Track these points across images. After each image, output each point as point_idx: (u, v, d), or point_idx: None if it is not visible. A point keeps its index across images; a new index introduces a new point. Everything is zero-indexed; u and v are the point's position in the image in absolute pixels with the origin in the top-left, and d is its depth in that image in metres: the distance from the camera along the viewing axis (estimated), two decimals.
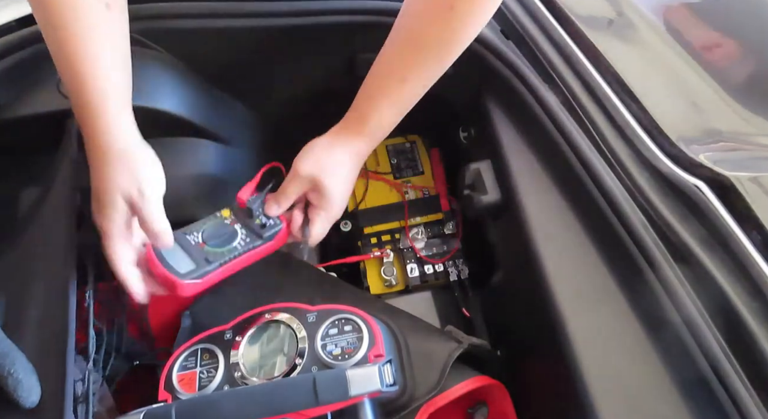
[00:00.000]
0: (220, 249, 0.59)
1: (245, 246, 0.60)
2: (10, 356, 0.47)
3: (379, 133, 0.63)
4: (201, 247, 0.59)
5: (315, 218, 0.63)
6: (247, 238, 0.61)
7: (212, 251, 0.59)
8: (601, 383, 0.49)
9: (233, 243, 0.60)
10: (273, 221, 0.63)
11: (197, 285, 0.57)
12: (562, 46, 0.66)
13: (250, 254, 0.61)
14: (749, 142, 0.64)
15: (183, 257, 0.58)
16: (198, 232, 0.60)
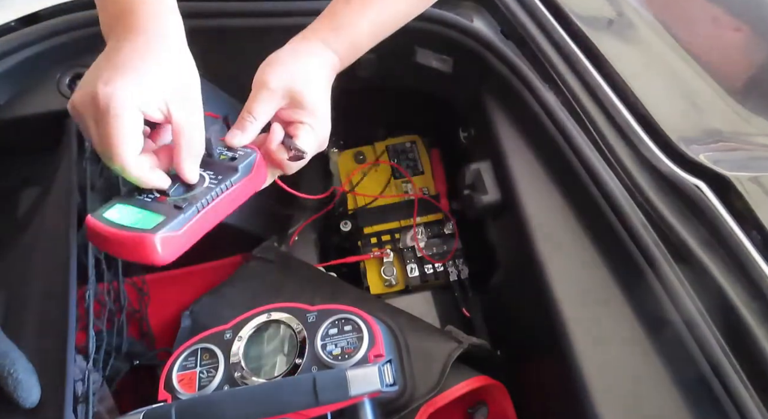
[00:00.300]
0: (190, 194, 0.47)
1: (219, 184, 0.48)
2: (10, 356, 0.47)
3: (351, 52, 0.56)
4: (162, 201, 0.46)
5: (300, 132, 0.51)
6: (219, 175, 0.49)
7: (181, 198, 0.46)
8: (601, 383, 0.49)
9: (203, 185, 0.48)
10: (243, 151, 0.51)
11: (176, 239, 0.44)
12: (562, 46, 0.66)
13: (232, 191, 0.49)
14: (749, 142, 0.64)
15: (141, 214, 0.45)
16: (145, 191, 0.47)
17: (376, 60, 0.75)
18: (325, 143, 0.54)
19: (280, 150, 0.51)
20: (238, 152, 0.50)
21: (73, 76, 0.65)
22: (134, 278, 0.77)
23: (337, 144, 0.94)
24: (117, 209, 0.45)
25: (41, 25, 0.64)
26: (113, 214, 0.45)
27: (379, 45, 0.69)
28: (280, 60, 0.52)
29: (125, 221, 0.44)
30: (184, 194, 0.47)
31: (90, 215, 0.44)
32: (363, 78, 0.78)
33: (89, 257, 0.59)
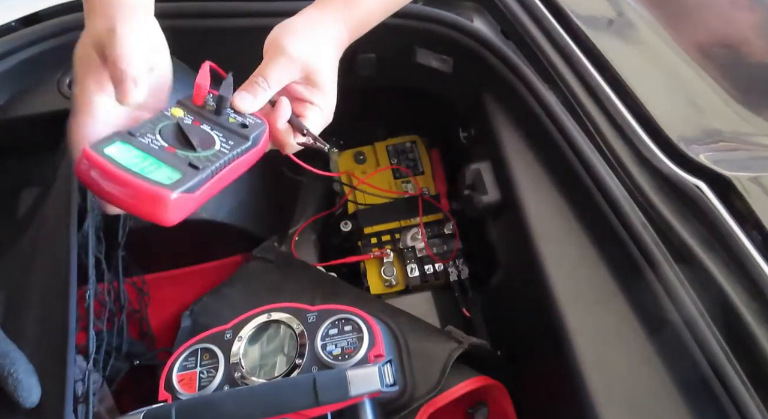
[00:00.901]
0: (203, 153, 0.43)
1: (232, 150, 0.44)
2: (10, 356, 0.47)
3: (359, 30, 0.54)
4: (171, 151, 0.42)
5: (309, 113, 0.49)
6: (230, 141, 0.45)
7: (194, 156, 0.42)
8: (601, 383, 0.49)
9: (215, 147, 0.44)
10: (252, 119, 0.48)
11: (190, 201, 0.41)
12: (562, 46, 0.66)
13: (240, 161, 0.46)
14: (749, 142, 0.65)
15: (148, 161, 0.40)
16: (151, 133, 0.42)
17: (376, 60, 0.75)
18: (330, 120, 0.52)
19: (287, 130, 0.48)
20: (248, 119, 0.47)
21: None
22: (134, 278, 0.77)
23: (337, 144, 0.94)
24: (118, 148, 0.39)
25: (41, 25, 0.64)
26: (116, 151, 0.39)
27: (379, 45, 0.69)
28: (296, 29, 0.49)
29: (133, 164, 0.38)
30: (196, 152, 0.43)
31: (87, 146, 0.38)
32: (363, 78, 0.78)
33: (89, 257, 0.59)
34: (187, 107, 0.47)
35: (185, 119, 0.46)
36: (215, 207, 0.74)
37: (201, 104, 0.47)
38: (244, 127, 0.47)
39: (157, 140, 0.42)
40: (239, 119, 0.47)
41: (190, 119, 0.46)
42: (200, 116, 0.47)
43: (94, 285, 0.58)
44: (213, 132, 0.45)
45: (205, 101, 0.47)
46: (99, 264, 0.64)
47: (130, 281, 0.76)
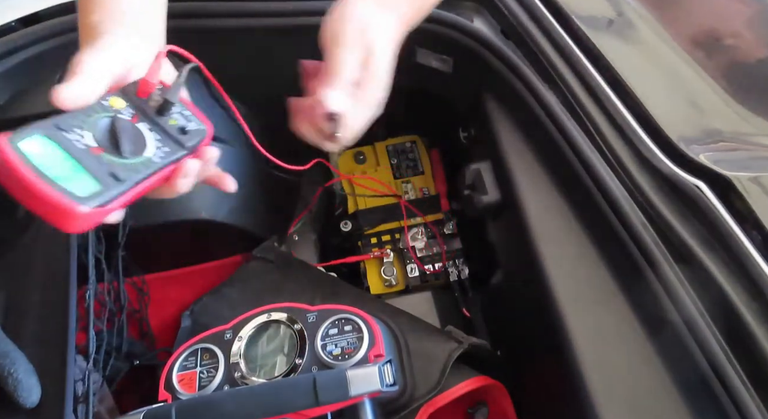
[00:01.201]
0: (131, 161, 0.39)
1: (164, 159, 0.41)
2: (10, 356, 0.47)
3: (416, 19, 0.51)
4: (96, 154, 0.38)
5: (352, 105, 0.44)
6: (165, 147, 0.41)
7: (120, 164, 0.38)
8: (601, 383, 0.49)
9: (147, 154, 0.40)
10: (195, 124, 0.44)
11: (101, 213, 0.37)
12: (562, 46, 0.66)
13: (167, 170, 0.42)
14: (749, 142, 0.64)
15: (68, 164, 0.36)
16: (79, 128, 0.38)
17: None
18: (377, 112, 0.47)
19: (327, 124, 0.44)
20: (190, 124, 0.43)
21: None
22: (134, 278, 0.77)
23: None
24: (38, 144, 0.36)
25: (41, 25, 0.63)
26: (33, 147, 0.35)
27: None
28: (363, 8, 0.45)
29: (48, 167, 0.34)
30: (124, 159, 0.39)
31: (4, 136, 0.35)
32: None
33: (89, 257, 0.59)
34: (130, 98, 0.42)
35: (123, 114, 0.41)
36: (215, 207, 0.74)
37: (146, 97, 0.43)
38: (184, 132, 0.43)
39: (84, 137, 0.38)
40: (181, 121, 0.44)
41: (129, 114, 0.41)
42: (141, 111, 0.42)
43: (94, 285, 0.58)
44: (151, 133, 0.42)
45: (150, 95, 0.43)
46: (99, 264, 0.64)
47: (130, 281, 0.76)
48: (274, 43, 0.71)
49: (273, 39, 0.70)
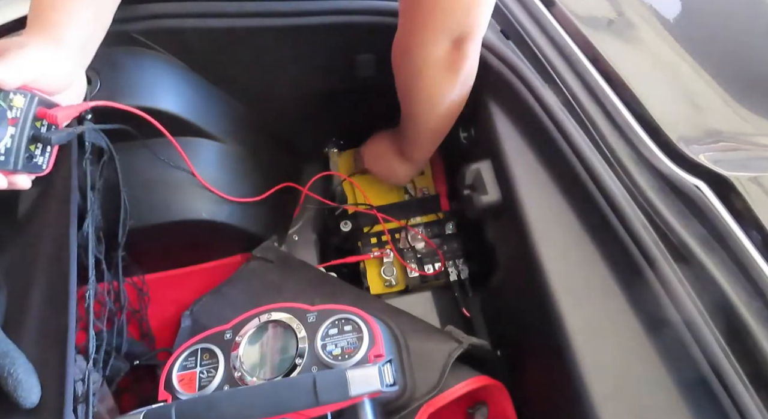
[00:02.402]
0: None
1: (12, 164, 0.46)
2: (10, 356, 0.47)
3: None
4: None
5: None
6: (4, 154, 0.46)
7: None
8: (601, 383, 0.49)
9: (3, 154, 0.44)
10: (41, 163, 0.50)
11: None
12: (562, 46, 0.66)
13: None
14: (749, 142, 0.64)
15: None
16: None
17: (376, 60, 0.75)
18: None
19: None
20: (39, 159, 0.49)
21: None
22: (134, 278, 0.77)
23: (337, 144, 0.94)
24: None
25: None
26: None
27: (379, 45, 0.69)
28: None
29: None
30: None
31: None
32: (363, 78, 0.78)
33: (89, 257, 0.59)
34: (30, 107, 0.46)
35: (10, 111, 0.45)
36: (215, 207, 0.74)
37: (54, 122, 0.48)
38: (29, 159, 0.48)
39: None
40: (36, 154, 0.49)
41: (14, 115, 0.46)
42: (24, 121, 0.46)
43: (94, 285, 0.58)
44: (9, 139, 0.45)
45: (42, 122, 0.48)
46: (99, 264, 0.64)
47: (130, 281, 0.76)
48: (274, 43, 0.71)
49: (272, 39, 0.70)
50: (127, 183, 0.68)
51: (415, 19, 0.60)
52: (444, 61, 0.62)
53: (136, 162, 0.70)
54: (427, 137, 0.78)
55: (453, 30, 0.58)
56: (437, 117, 0.72)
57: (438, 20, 0.58)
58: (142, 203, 0.70)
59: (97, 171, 0.65)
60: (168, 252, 0.80)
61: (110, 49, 0.67)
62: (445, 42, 0.59)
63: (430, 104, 0.69)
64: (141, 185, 0.70)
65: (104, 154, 0.66)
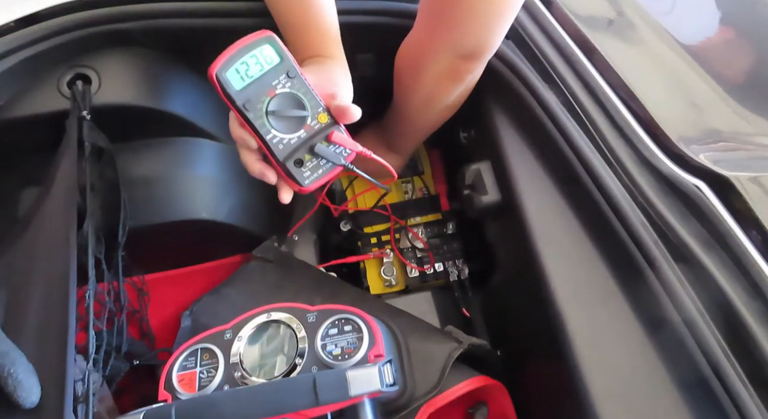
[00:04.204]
0: None
1: (281, 157, 0.54)
2: (10, 356, 0.47)
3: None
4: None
5: None
6: (292, 153, 0.54)
7: None
8: (601, 383, 0.49)
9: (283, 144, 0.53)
10: (311, 174, 0.56)
11: None
12: (562, 46, 0.66)
13: None
14: (749, 142, 0.64)
15: None
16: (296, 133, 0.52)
17: (376, 60, 0.75)
18: None
19: None
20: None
21: (73, 76, 0.65)
22: (134, 278, 0.77)
23: None
24: None
25: (41, 25, 0.63)
26: None
27: (379, 45, 0.69)
28: None
29: None
30: None
31: None
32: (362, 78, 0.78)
33: (89, 257, 0.59)
34: (328, 126, 0.54)
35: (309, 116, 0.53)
36: (215, 207, 0.74)
37: None
38: (303, 165, 0.54)
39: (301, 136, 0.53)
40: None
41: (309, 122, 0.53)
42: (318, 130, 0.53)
43: (94, 285, 0.58)
44: (297, 138, 0.53)
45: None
46: (99, 264, 0.64)
47: (130, 281, 0.76)
48: None
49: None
50: (127, 183, 0.68)
51: (431, 31, 0.61)
52: (450, 72, 0.63)
53: (136, 162, 0.70)
54: (419, 133, 0.79)
55: (466, 47, 0.60)
56: (433, 116, 0.72)
57: (455, 37, 0.59)
58: (142, 203, 0.70)
59: (97, 171, 0.65)
60: (168, 252, 0.80)
61: (110, 49, 0.67)
62: (456, 56, 0.61)
63: (428, 106, 0.70)
64: (141, 185, 0.70)
65: (104, 154, 0.66)
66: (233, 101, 0.50)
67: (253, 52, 0.49)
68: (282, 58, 0.51)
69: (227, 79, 0.49)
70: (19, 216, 0.67)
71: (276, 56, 0.50)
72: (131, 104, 0.66)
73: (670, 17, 0.75)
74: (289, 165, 0.53)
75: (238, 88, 0.50)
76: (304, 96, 0.52)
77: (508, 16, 0.58)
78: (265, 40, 0.50)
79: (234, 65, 0.49)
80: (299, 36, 0.61)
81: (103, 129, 0.65)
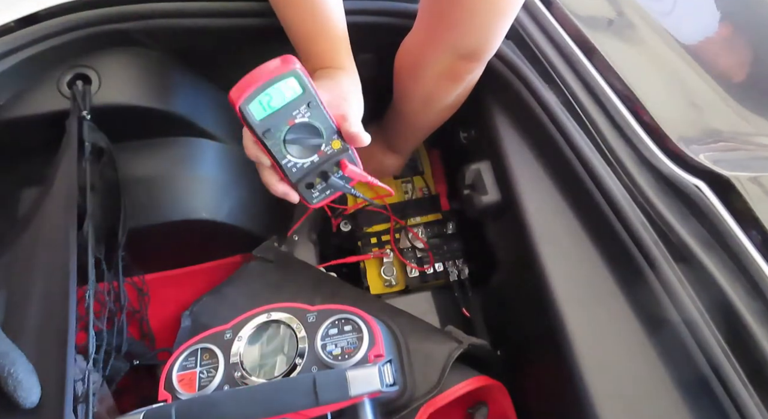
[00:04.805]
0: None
1: (295, 179, 0.56)
2: (10, 356, 0.47)
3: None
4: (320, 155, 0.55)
5: None
6: (304, 176, 0.56)
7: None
8: (601, 383, 0.49)
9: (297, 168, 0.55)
10: (320, 195, 0.59)
11: None
12: (562, 46, 0.66)
13: None
14: (749, 142, 0.64)
15: None
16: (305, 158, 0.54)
17: (376, 60, 0.75)
18: None
19: None
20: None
21: (73, 76, 0.65)
22: (134, 278, 0.77)
23: None
24: None
25: (41, 25, 0.64)
26: None
27: (379, 45, 0.69)
28: None
29: None
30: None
31: None
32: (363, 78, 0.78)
33: (89, 257, 0.59)
34: (340, 153, 0.55)
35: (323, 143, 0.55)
36: (215, 207, 0.74)
37: None
38: (313, 188, 0.57)
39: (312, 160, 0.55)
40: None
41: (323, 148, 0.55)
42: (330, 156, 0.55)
43: (94, 285, 0.58)
44: (310, 162, 0.55)
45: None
46: (99, 264, 0.64)
47: (130, 281, 0.76)
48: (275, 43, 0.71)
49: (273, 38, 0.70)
50: (127, 183, 0.68)
51: (431, 31, 0.61)
52: (450, 73, 0.63)
53: (136, 162, 0.70)
54: (419, 133, 0.79)
55: (466, 47, 0.60)
56: (433, 116, 0.72)
57: (454, 37, 0.59)
58: (142, 203, 0.70)
59: (97, 171, 0.65)
60: (168, 252, 0.80)
61: (110, 49, 0.67)
62: (456, 56, 0.61)
63: (428, 107, 0.70)
64: (141, 185, 0.70)
65: (104, 154, 0.66)
66: (254, 130, 0.51)
67: (278, 84, 0.50)
68: (304, 90, 0.51)
69: (250, 111, 0.50)
70: (19, 216, 0.67)
71: (299, 88, 0.51)
72: (131, 104, 0.66)
73: (670, 17, 0.75)
74: (300, 187, 0.56)
75: (259, 118, 0.51)
76: (321, 125, 0.53)
77: (508, 17, 0.58)
78: (291, 74, 0.50)
79: (258, 97, 0.50)
80: (310, 44, 0.62)
81: (103, 129, 0.65)
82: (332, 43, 0.61)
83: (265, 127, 0.51)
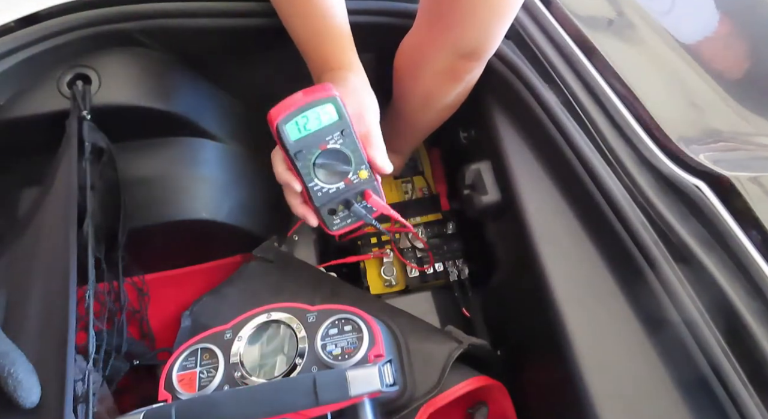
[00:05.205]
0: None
1: (319, 202, 0.59)
2: (10, 356, 0.47)
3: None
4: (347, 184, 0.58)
5: None
6: (328, 202, 0.60)
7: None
8: (601, 383, 0.49)
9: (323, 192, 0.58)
10: (341, 222, 0.63)
11: None
12: (562, 46, 0.66)
13: None
14: (749, 142, 0.64)
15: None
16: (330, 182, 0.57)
17: (376, 60, 0.75)
18: None
19: None
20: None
21: (74, 76, 0.65)
22: (134, 278, 0.77)
23: None
24: None
25: (41, 25, 0.64)
26: None
27: (378, 44, 0.69)
28: None
29: None
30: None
31: None
32: None
33: (89, 257, 0.59)
34: (364, 183, 0.59)
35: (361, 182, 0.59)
36: (215, 207, 0.74)
37: None
38: (335, 214, 0.61)
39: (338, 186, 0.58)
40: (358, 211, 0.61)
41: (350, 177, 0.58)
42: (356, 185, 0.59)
43: (94, 285, 0.58)
44: (335, 188, 0.58)
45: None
46: (99, 264, 0.64)
47: (130, 281, 0.76)
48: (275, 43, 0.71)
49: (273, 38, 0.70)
50: (127, 183, 0.68)
51: (431, 30, 0.61)
52: (450, 72, 0.63)
53: (136, 162, 0.70)
54: (419, 133, 0.79)
55: (466, 46, 0.60)
56: (433, 116, 0.73)
57: (454, 37, 0.59)
58: (142, 203, 0.70)
59: (97, 171, 0.65)
60: (168, 252, 0.80)
61: (110, 49, 0.67)
62: (455, 55, 0.61)
63: (427, 106, 0.70)
64: (141, 185, 0.70)
65: (104, 154, 0.66)
66: (287, 150, 0.53)
67: (316, 108, 0.52)
68: (340, 118, 0.53)
69: (286, 131, 0.52)
70: (19, 216, 0.67)
71: (336, 115, 0.53)
72: (131, 104, 0.66)
73: (669, 17, 0.75)
74: (323, 212, 0.59)
75: (293, 139, 0.52)
76: (351, 153, 0.55)
77: (508, 16, 0.58)
78: (330, 100, 0.52)
79: (295, 118, 0.51)
80: (316, 46, 0.62)
81: (103, 129, 0.65)
82: (338, 43, 0.61)
83: (298, 148, 0.53)
